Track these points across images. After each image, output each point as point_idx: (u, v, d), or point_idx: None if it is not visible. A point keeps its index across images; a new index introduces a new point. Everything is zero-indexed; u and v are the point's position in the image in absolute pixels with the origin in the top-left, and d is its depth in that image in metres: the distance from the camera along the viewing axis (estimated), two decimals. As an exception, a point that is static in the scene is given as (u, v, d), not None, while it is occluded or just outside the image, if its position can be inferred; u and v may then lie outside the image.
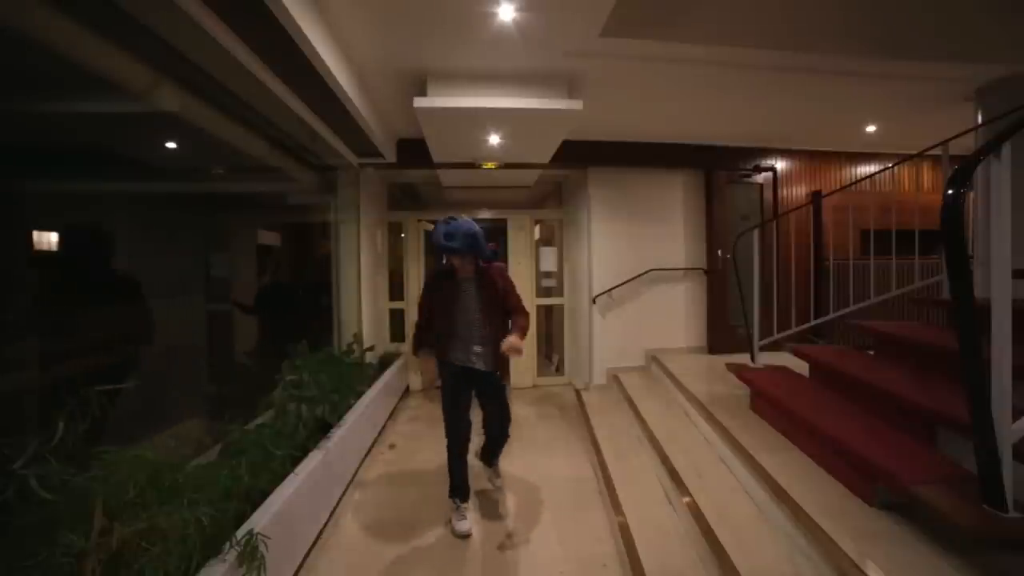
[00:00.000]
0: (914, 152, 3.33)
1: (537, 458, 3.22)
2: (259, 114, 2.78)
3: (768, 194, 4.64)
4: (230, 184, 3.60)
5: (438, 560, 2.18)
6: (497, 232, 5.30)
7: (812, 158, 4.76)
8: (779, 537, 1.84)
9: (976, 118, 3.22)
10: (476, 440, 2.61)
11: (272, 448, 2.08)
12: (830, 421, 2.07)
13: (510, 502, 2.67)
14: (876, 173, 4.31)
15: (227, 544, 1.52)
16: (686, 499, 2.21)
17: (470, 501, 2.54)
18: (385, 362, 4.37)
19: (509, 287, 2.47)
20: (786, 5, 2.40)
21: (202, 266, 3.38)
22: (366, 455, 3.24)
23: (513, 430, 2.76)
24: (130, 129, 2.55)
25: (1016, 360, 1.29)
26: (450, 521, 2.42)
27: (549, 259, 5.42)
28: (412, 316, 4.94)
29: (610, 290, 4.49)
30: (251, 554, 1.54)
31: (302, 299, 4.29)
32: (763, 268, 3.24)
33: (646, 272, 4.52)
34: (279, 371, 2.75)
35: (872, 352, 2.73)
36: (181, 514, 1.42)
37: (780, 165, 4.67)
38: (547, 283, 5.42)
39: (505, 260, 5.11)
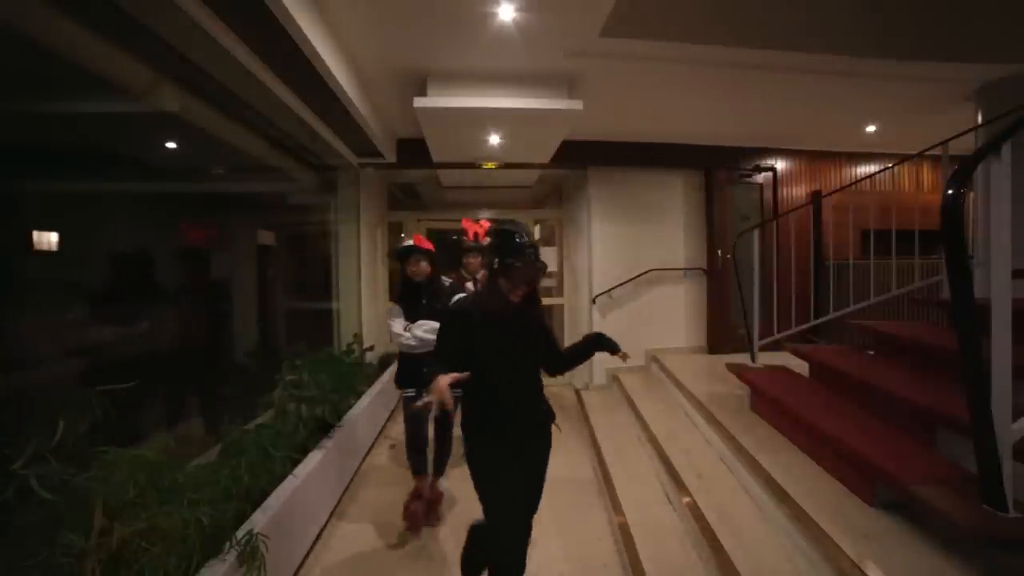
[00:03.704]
0: (914, 152, 3.33)
1: (537, 458, 3.21)
2: (259, 114, 2.78)
3: (768, 194, 4.64)
4: (230, 184, 3.59)
5: (437, 560, 2.17)
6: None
7: (812, 158, 4.75)
8: (779, 537, 1.84)
9: (976, 118, 3.22)
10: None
11: (272, 448, 2.08)
12: (830, 421, 2.07)
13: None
14: (876, 173, 4.30)
15: (227, 544, 1.52)
16: (686, 499, 2.21)
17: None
18: (385, 362, 4.37)
19: None
20: (786, 5, 2.40)
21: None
22: (366, 455, 3.24)
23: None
24: (130, 129, 2.54)
25: (1016, 360, 1.29)
26: None
27: (549, 259, 5.42)
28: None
29: (610, 290, 4.49)
30: (251, 554, 1.54)
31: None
32: (763, 268, 3.23)
33: (646, 272, 4.52)
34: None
35: (872, 352, 2.72)
36: (181, 514, 1.42)
37: (780, 165, 4.67)
38: (547, 283, 5.42)
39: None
